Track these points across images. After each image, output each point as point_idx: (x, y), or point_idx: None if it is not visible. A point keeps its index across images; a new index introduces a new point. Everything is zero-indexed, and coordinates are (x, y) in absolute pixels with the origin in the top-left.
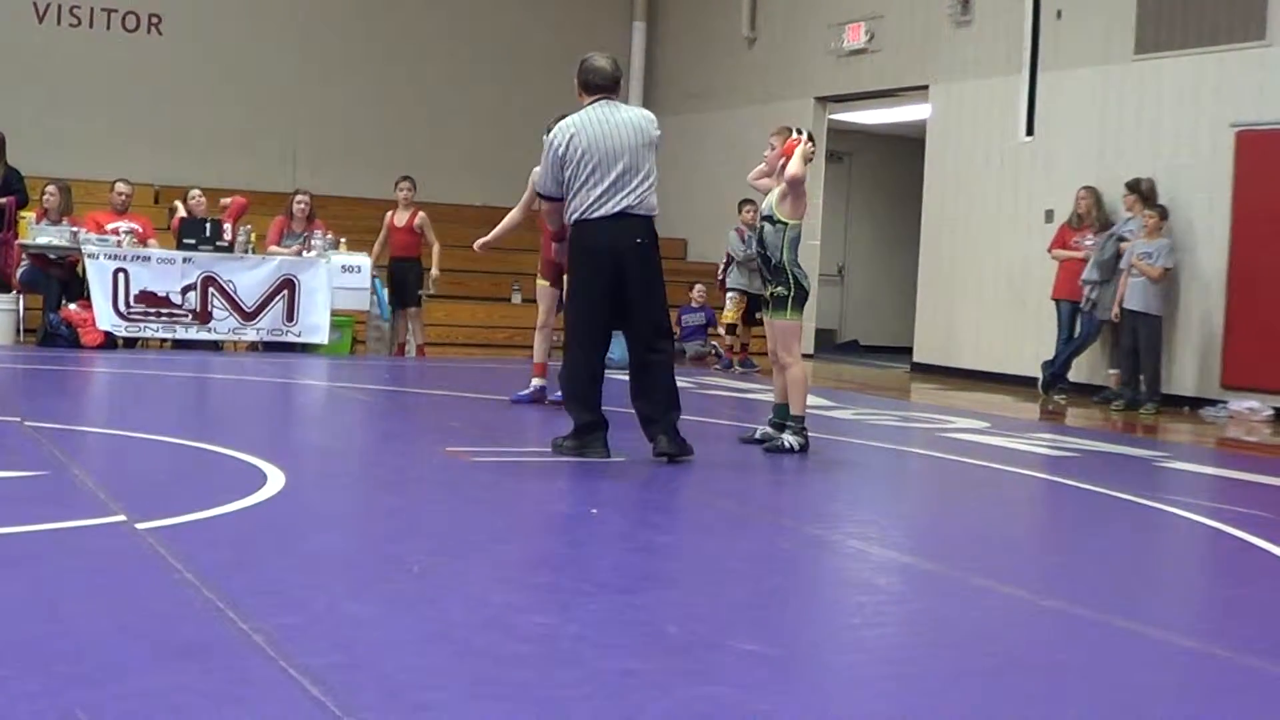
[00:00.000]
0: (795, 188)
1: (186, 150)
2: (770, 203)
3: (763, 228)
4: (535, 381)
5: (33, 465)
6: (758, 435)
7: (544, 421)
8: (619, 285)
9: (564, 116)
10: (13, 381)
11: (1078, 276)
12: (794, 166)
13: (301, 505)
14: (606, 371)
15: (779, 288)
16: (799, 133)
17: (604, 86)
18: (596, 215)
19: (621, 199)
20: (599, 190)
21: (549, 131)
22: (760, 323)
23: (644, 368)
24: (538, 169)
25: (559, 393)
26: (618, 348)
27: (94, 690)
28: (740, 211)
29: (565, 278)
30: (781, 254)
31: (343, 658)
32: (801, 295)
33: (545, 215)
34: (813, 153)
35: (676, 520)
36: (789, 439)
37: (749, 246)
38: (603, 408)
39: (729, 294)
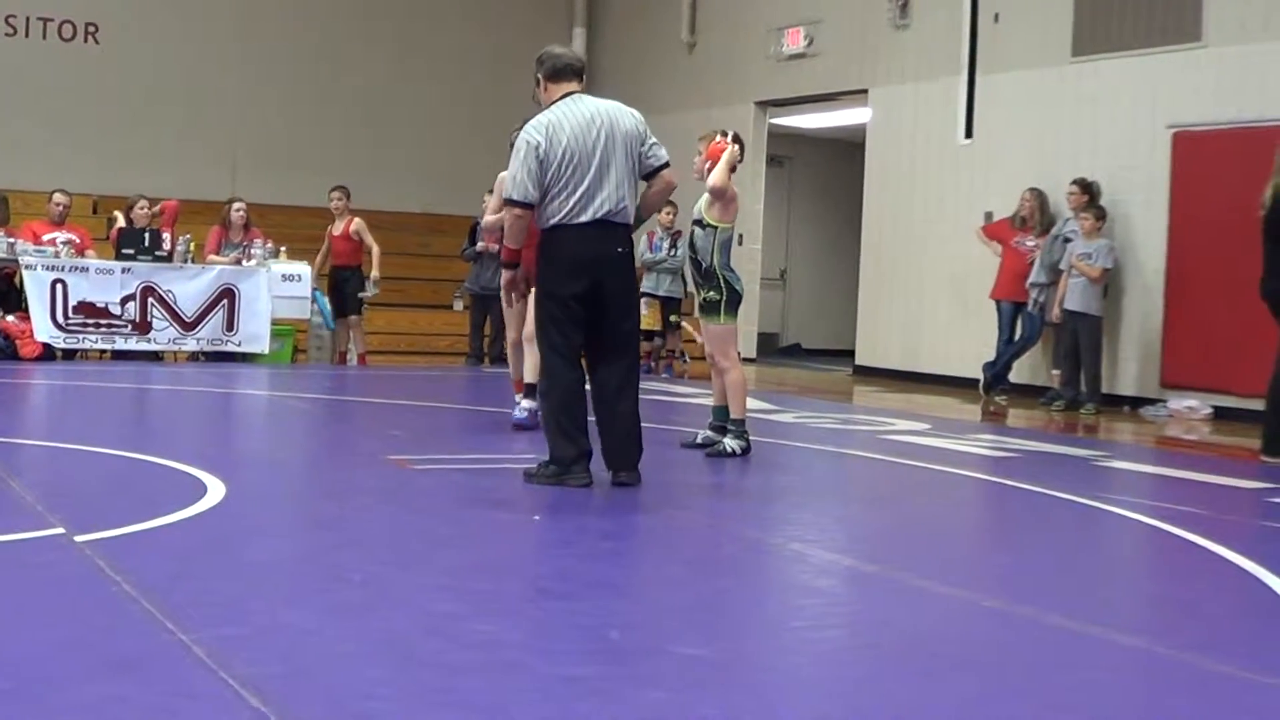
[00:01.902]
0: (718, 197)
1: (125, 160)
2: (699, 206)
3: (693, 231)
4: (528, 403)
5: None
6: (699, 439)
7: (484, 429)
8: (595, 296)
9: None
10: None
11: (1017, 277)
12: (714, 177)
13: (242, 516)
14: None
15: (710, 292)
16: (725, 135)
17: (572, 74)
18: (576, 221)
19: (602, 204)
20: (579, 193)
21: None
22: (676, 326)
23: (607, 381)
24: (503, 174)
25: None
26: None
27: (31, 704)
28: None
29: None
30: (712, 258)
31: (284, 668)
32: (734, 299)
33: (510, 228)
34: (739, 157)
35: (618, 526)
36: (730, 443)
37: (657, 251)
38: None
39: (642, 300)
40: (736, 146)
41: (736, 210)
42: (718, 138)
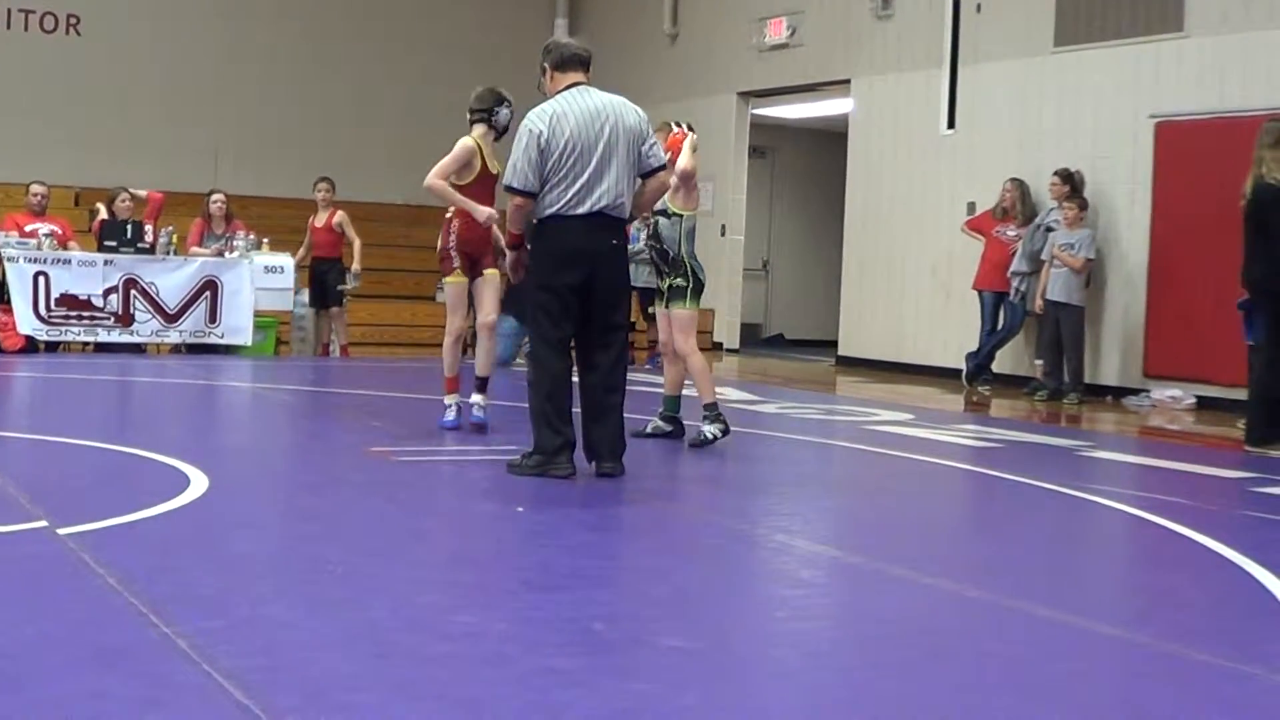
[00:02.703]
0: (687, 181)
1: (107, 151)
2: (664, 196)
3: (657, 221)
4: (451, 399)
5: None
6: (649, 429)
7: (467, 421)
8: (588, 288)
9: (493, 91)
10: None
11: (999, 267)
12: (684, 160)
13: (224, 508)
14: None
15: (677, 279)
16: (679, 126)
17: (578, 65)
18: (571, 213)
19: (600, 197)
20: (578, 185)
21: (484, 111)
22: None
23: (595, 372)
24: (464, 140)
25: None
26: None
27: (14, 696)
28: None
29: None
30: (679, 246)
31: (266, 660)
32: (699, 286)
33: (510, 216)
34: (697, 144)
35: (601, 517)
36: (709, 429)
37: (634, 242)
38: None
39: None
40: (694, 135)
41: (699, 197)
42: (674, 129)
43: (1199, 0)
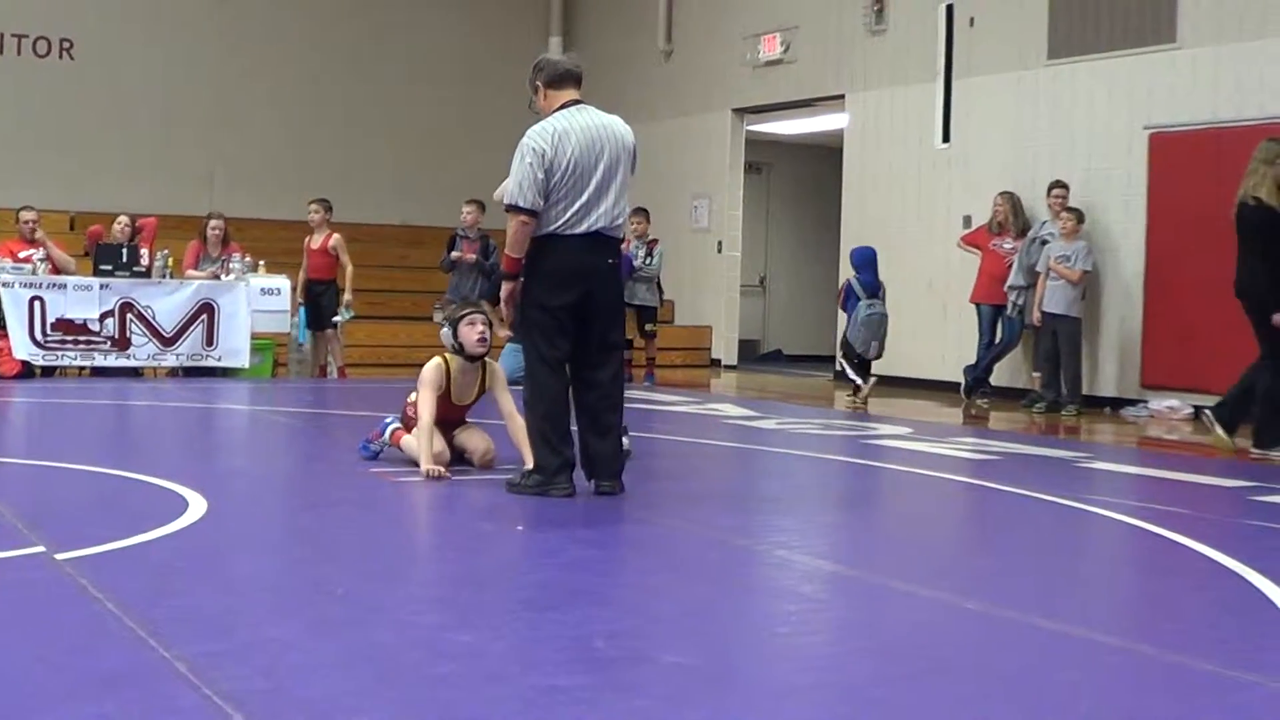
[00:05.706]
0: None
1: (102, 175)
2: None
3: None
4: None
5: None
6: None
7: None
8: (584, 307)
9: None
10: None
11: (996, 280)
12: None
13: (223, 531)
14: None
15: None
16: None
17: (572, 80)
18: (570, 233)
19: (597, 218)
20: (578, 204)
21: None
22: (653, 334)
23: (592, 391)
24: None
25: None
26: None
27: None
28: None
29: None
30: None
31: (266, 682)
32: None
33: (513, 236)
34: None
35: (601, 535)
36: (626, 442)
37: (633, 257)
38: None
39: None
40: None
41: None
42: None
43: (1192, 11)
